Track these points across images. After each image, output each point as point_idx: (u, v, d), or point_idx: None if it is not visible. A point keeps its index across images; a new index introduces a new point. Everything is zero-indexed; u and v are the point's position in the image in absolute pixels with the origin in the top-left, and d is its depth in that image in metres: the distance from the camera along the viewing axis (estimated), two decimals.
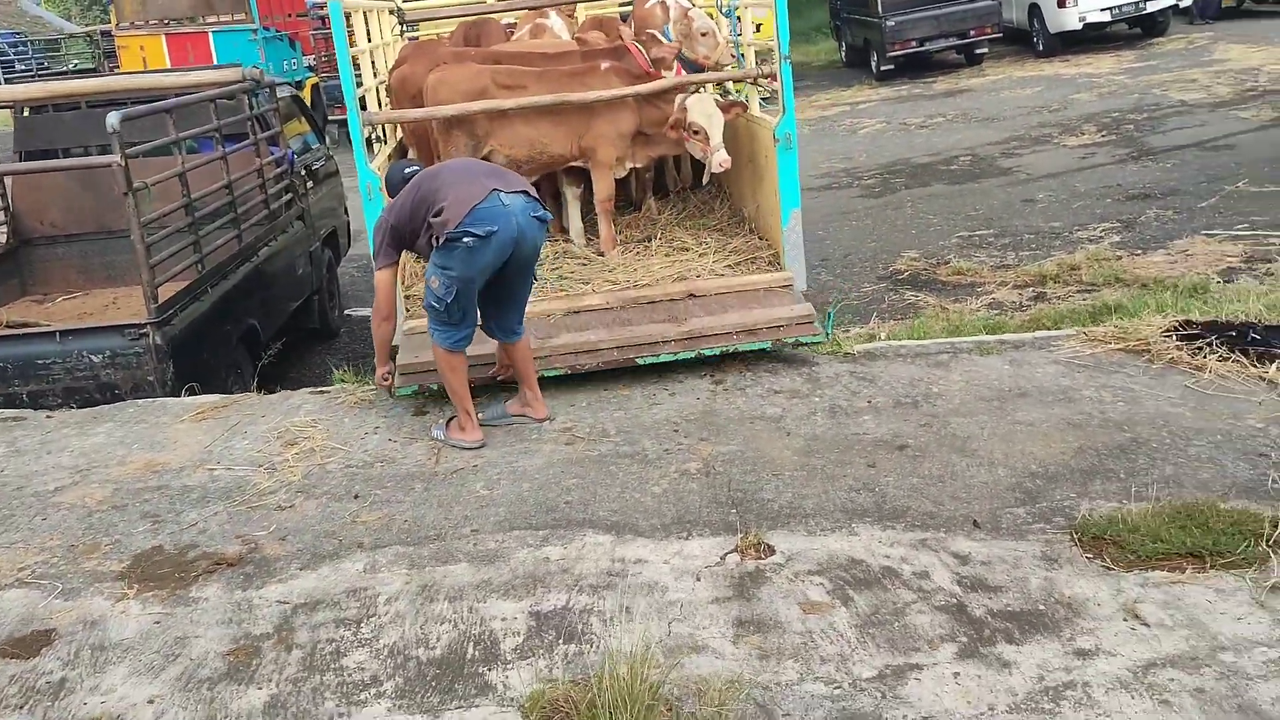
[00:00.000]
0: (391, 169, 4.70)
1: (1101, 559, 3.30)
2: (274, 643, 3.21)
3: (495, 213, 4.17)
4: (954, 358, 5.01)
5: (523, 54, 6.11)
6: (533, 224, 4.32)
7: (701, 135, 5.66)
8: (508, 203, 4.21)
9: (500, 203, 4.19)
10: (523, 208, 4.27)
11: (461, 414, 4.53)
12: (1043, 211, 9.43)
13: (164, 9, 18.00)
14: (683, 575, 3.40)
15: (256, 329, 6.54)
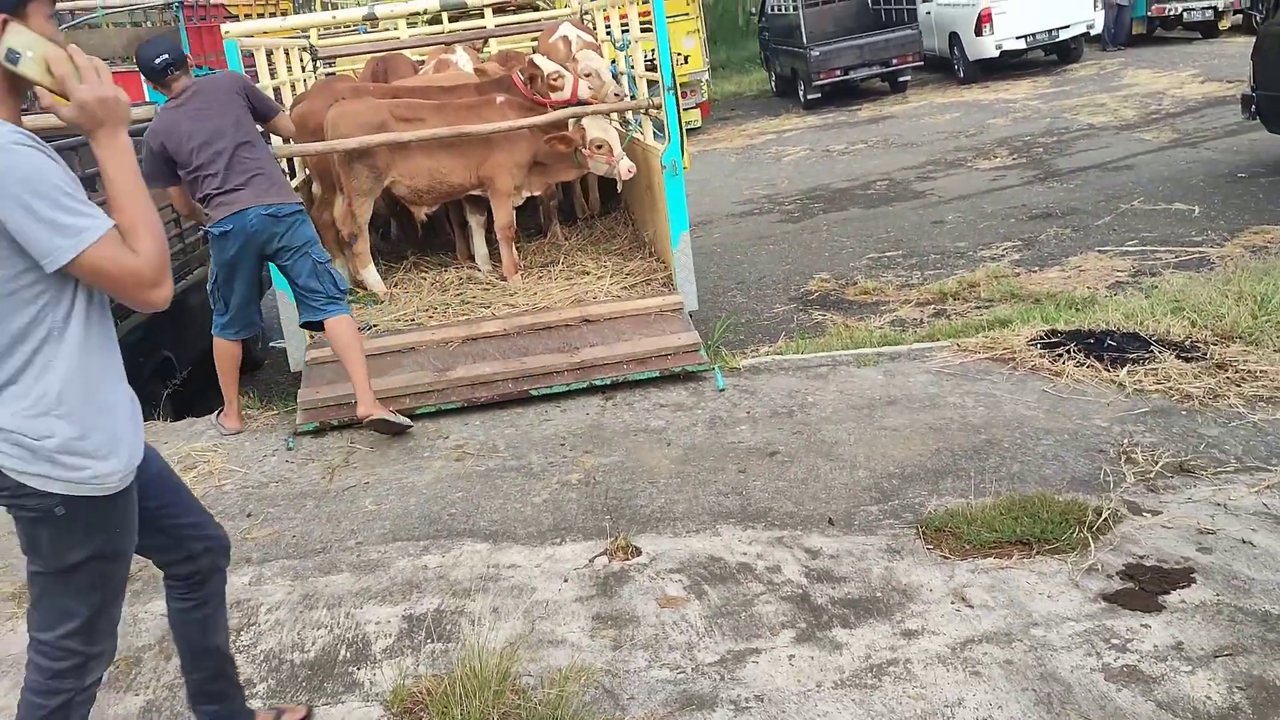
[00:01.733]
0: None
1: (940, 549, 3.54)
2: (155, 653, 3.36)
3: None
4: (832, 370, 5.27)
5: (421, 88, 6.32)
6: (263, 219, 4.79)
7: (605, 149, 5.90)
8: None
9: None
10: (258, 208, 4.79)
11: (226, 402, 5.16)
12: (950, 232, 9.78)
13: (95, 48, 17.97)
14: (552, 577, 3.59)
15: (172, 361, 6.65)
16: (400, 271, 6.76)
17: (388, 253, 7.10)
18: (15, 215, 1.99)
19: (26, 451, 2.13)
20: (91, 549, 2.23)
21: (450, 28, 8.76)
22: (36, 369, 2.13)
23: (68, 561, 2.22)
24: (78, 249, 2.02)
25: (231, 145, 4.74)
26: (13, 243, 2.03)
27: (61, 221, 2.01)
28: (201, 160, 4.76)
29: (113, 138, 2.14)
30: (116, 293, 2.14)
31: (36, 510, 2.18)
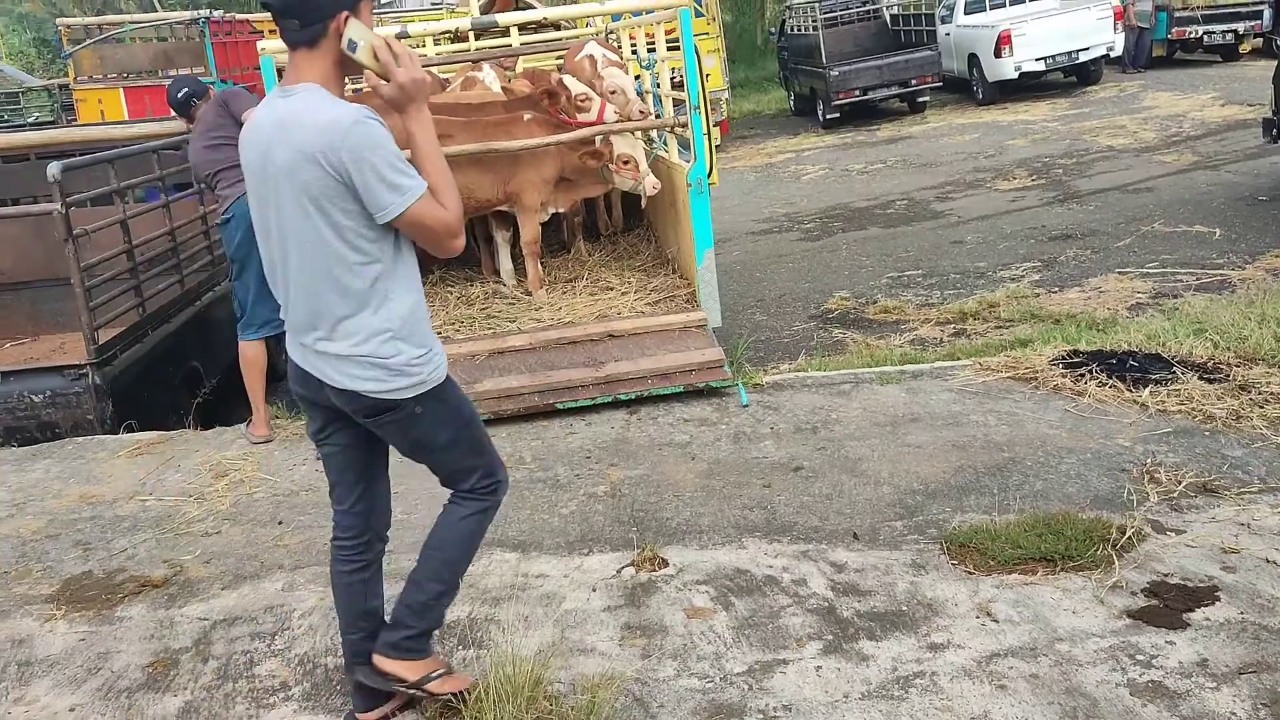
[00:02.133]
0: None
1: (965, 565, 3.58)
2: (192, 655, 3.42)
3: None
4: (855, 387, 5.32)
5: (449, 105, 6.41)
6: None
7: (631, 164, 5.98)
8: None
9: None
10: None
11: (255, 411, 5.34)
12: (970, 252, 9.82)
13: (123, 63, 18.27)
14: (580, 587, 3.64)
15: (199, 370, 6.75)
16: (426, 286, 6.80)
17: None
18: (365, 174, 2.42)
19: (383, 371, 2.60)
20: (453, 422, 2.78)
21: (476, 46, 8.87)
22: (376, 302, 2.57)
23: (442, 439, 2.76)
24: (405, 205, 2.46)
25: (223, 149, 5.15)
26: (357, 198, 2.46)
27: (396, 181, 2.44)
28: (214, 169, 5.28)
29: (420, 112, 2.57)
30: (428, 240, 2.57)
31: (402, 417, 2.67)
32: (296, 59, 2.52)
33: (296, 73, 2.52)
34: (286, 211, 2.53)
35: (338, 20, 2.47)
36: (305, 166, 2.44)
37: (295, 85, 2.51)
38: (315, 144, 2.41)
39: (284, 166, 2.48)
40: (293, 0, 2.45)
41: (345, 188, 2.45)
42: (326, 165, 2.42)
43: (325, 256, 2.54)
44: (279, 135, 2.48)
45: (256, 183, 2.61)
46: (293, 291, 2.64)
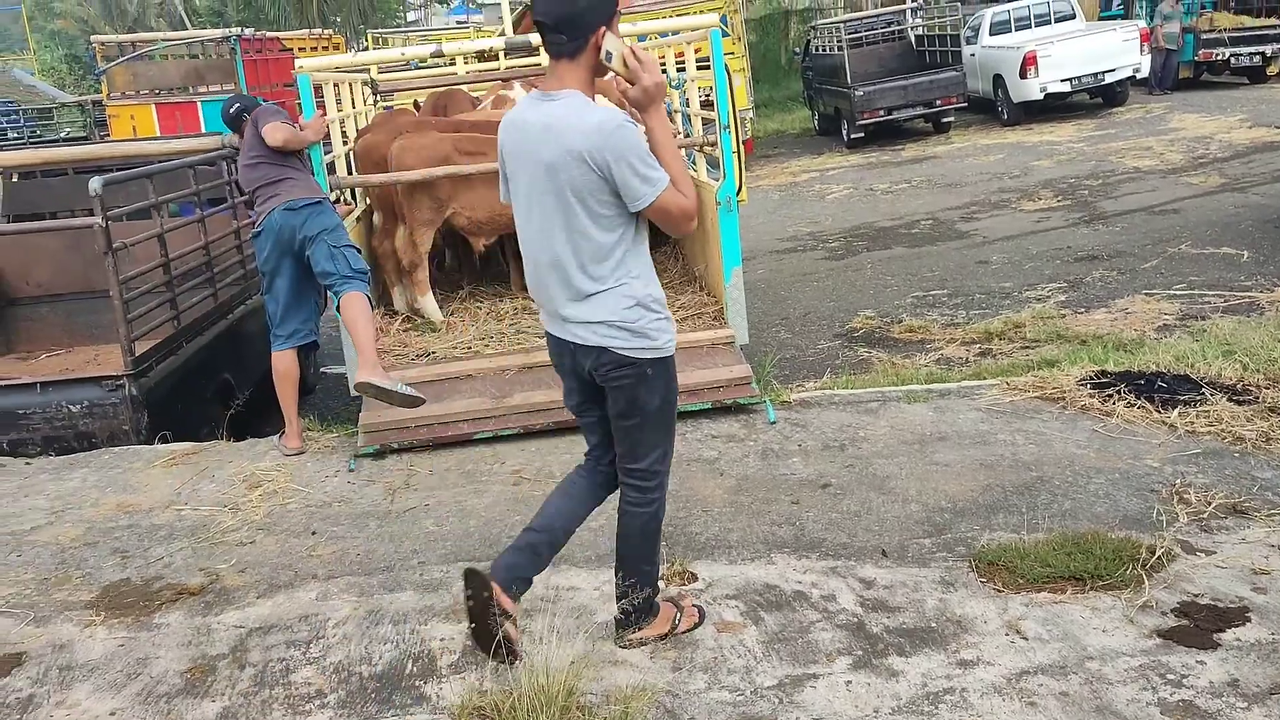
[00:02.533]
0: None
1: (994, 583, 3.60)
2: (229, 662, 3.47)
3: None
4: (882, 405, 5.34)
5: (482, 122, 6.50)
6: (283, 214, 5.25)
7: None
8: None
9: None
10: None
11: (287, 423, 5.42)
12: (995, 272, 9.83)
13: (155, 80, 18.52)
14: (610, 600, 3.66)
15: (230, 382, 6.84)
16: (456, 301, 6.92)
17: (443, 282, 7.26)
18: (623, 170, 2.82)
19: (627, 333, 3.01)
20: (665, 394, 3.15)
21: (506, 64, 8.97)
22: (621, 275, 2.98)
23: (653, 406, 3.12)
24: (655, 195, 2.86)
25: (263, 166, 5.35)
26: (614, 190, 2.87)
27: (648, 175, 2.84)
28: (251, 186, 5.43)
29: (660, 112, 2.97)
30: (669, 223, 2.96)
31: (634, 375, 3.06)
32: (559, 68, 2.92)
33: (559, 80, 2.92)
34: (549, 201, 2.94)
35: (597, 34, 2.86)
36: (571, 164, 2.85)
37: (559, 91, 2.91)
38: (582, 144, 2.82)
39: (550, 162, 2.88)
40: (564, 19, 2.83)
41: (605, 182, 2.86)
42: (591, 163, 2.83)
43: (581, 239, 2.94)
44: (546, 135, 2.89)
45: (516, 173, 3.04)
46: (553, 269, 3.03)
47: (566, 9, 2.83)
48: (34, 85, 35.28)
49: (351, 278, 5.24)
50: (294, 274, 5.38)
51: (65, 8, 48.44)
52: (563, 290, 3.04)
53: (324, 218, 5.28)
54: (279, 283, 5.40)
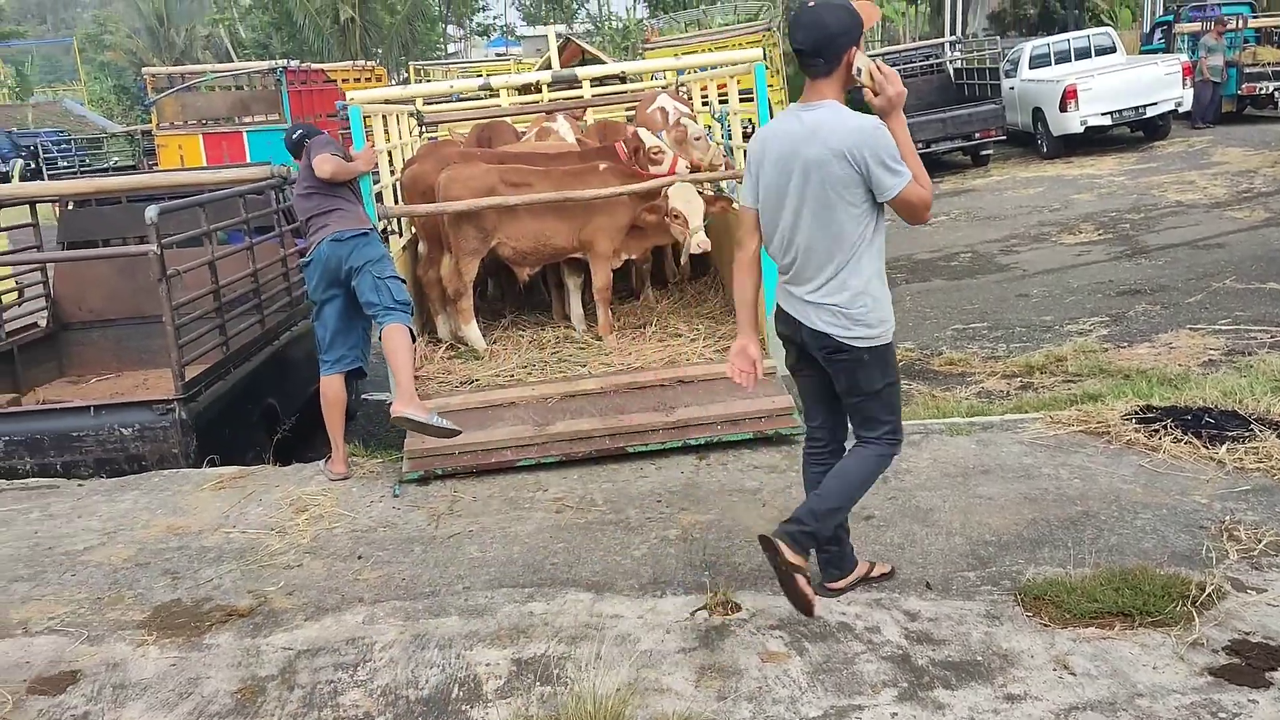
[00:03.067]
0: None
1: (1040, 617, 3.58)
2: (278, 683, 3.52)
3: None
4: (925, 438, 5.33)
5: (527, 154, 6.59)
6: (331, 245, 5.35)
7: (681, 219, 6.12)
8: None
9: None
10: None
11: (334, 448, 5.50)
12: (1036, 306, 9.78)
13: (202, 110, 18.91)
14: (654, 628, 3.69)
15: (275, 408, 6.94)
16: (499, 329, 6.98)
17: (486, 311, 7.33)
18: (876, 166, 3.27)
19: (849, 320, 3.41)
20: (887, 378, 3.53)
21: (549, 97, 9.09)
22: (853, 266, 3.40)
23: (875, 388, 3.51)
24: (901, 186, 3.29)
25: (314, 198, 5.45)
26: (865, 184, 3.31)
27: (896, 169, 3.28)
28: (304, 216, 5.53)
29: (900, 117, 3.37)
30: (910, 213, 3.39)
31: (850, 359, 3.46)
32: (818, 85, 3.41)
33: (817, 94, 3.42)
34: (807, 193, 3.37)
35: (849, 55, 3.34)
36: (833, 160, 3.31)
37: (819, 102, 3.40)
38: (844, 143, 3.28)
39: (814, 160, 3.34)
40: (822, 45, 3.33)
41: (860, 176, 3.29)
42: (850, 159, 3.28)
43: (830, 230, 3.37)
44: (812, 137, 3.35)
45: (779, 172, 3.45)
46: (799, 255, 3.46)
47: (824, 38, 3.33)
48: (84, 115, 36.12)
49: (394, 309, 5.33)
50: (341, 302, 5.47)
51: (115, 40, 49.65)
52: (804, 271, 3.46)
53: (370, 249, 5.37)
54: (327, 311, 5.50)
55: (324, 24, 34.85)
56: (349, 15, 34.36)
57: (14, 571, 4.51)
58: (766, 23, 24.25)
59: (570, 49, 18.18)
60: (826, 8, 3.35)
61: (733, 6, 37.73)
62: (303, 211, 5.48)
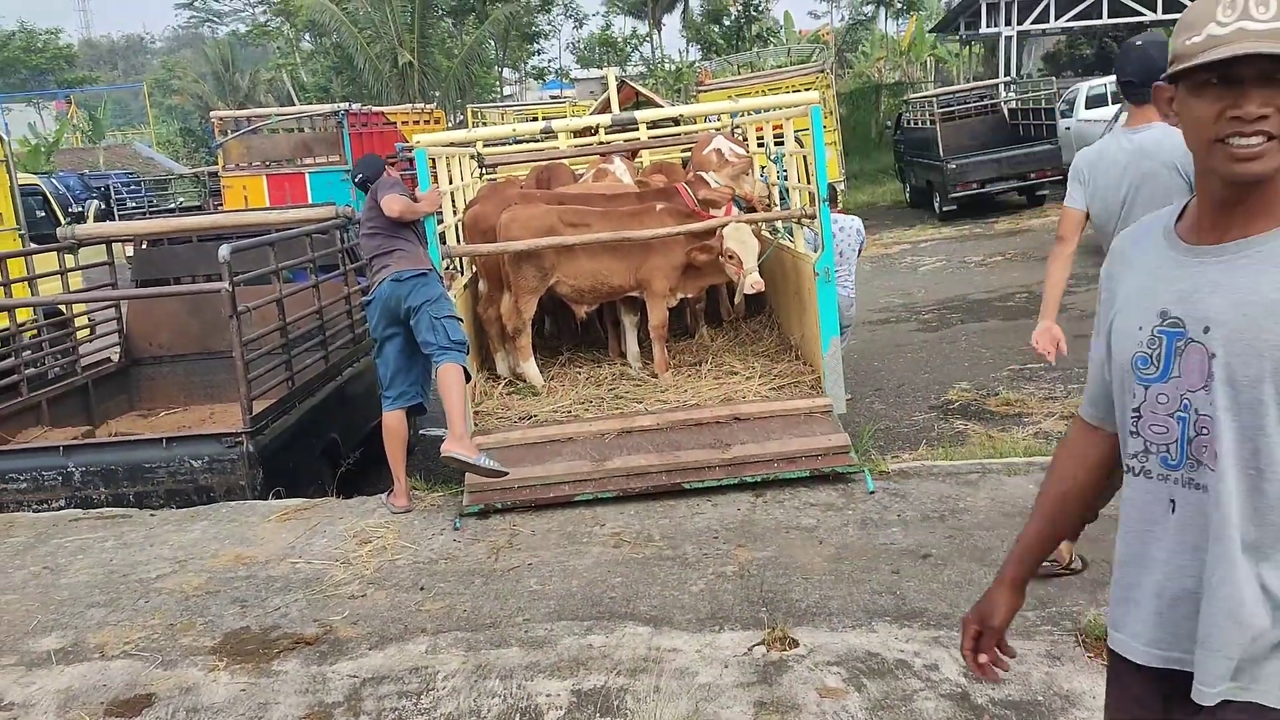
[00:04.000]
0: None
1: (1102, 658, 3.55)
2: (344, 710, 3.60)
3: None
4: (983, 477, 5.32)
5: (585, 195, 6.72)
6: (391, 285, 5.52)
7: (735, 260, 6.20)
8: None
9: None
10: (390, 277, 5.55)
11: (396, 481, 5.60)
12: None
13: (267, 152, 19.40)
14: (712, 662, 3.73)
15: (337, 442, 7.09)
16: (556, 366, 7.09)
17: (544, 348, 7.45)
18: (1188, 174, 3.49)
19: None
20: None
21: (606, 139, 9.25)
22: None
23: None
24: None
25: (378, 237, 5.62)
26: (1189, 193, 2.80)
27: None
28: (367, 254, 5.73)
29: None
30: None
31: None
32: (1145, 110, 3.86)
33: (1143, 118, 3.89)
34: (1138, 200, 3.78)
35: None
36: (1164, 171, 3.74)
37: (1146, 125, 3.85)
38: (1175, 155, 3.63)
39: (1148, 172, 3.78)
40: (1151, 76, 3.41)
41: (1186, 185, 3.57)
42: (1180, 170, 3.66)
43: None
44: (1142, 152, 3.81)
45: (1112, 184, 3.89)
46: None
47: (1151, 70, 3.65)
48: (153, 157, 37.19)
49: (449, 349, 5.46)
50: (401, 340, 5.62)
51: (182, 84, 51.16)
52: None
53: (428, 289, 5.52)
54: (388, 348, 5.66)
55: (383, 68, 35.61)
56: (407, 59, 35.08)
57: (91, 598, 4.66)
58: (820, 64, 24.43)
59: (625, 91, 18.43)
60: (1152, 45, 3.86)
61: (786, 49, 38.01)
62: (366, 250, 5.66)
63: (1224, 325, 1.66)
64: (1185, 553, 1.74)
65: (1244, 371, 1.64)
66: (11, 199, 10.36)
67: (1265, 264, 1.66)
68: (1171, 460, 1.75)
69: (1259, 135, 1.61)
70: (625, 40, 57.06)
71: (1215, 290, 1.69)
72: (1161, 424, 1.76)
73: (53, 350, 7.90)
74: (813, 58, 33.49)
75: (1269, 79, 1.60)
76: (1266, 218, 1.69)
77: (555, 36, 62.01)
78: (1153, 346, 1.76)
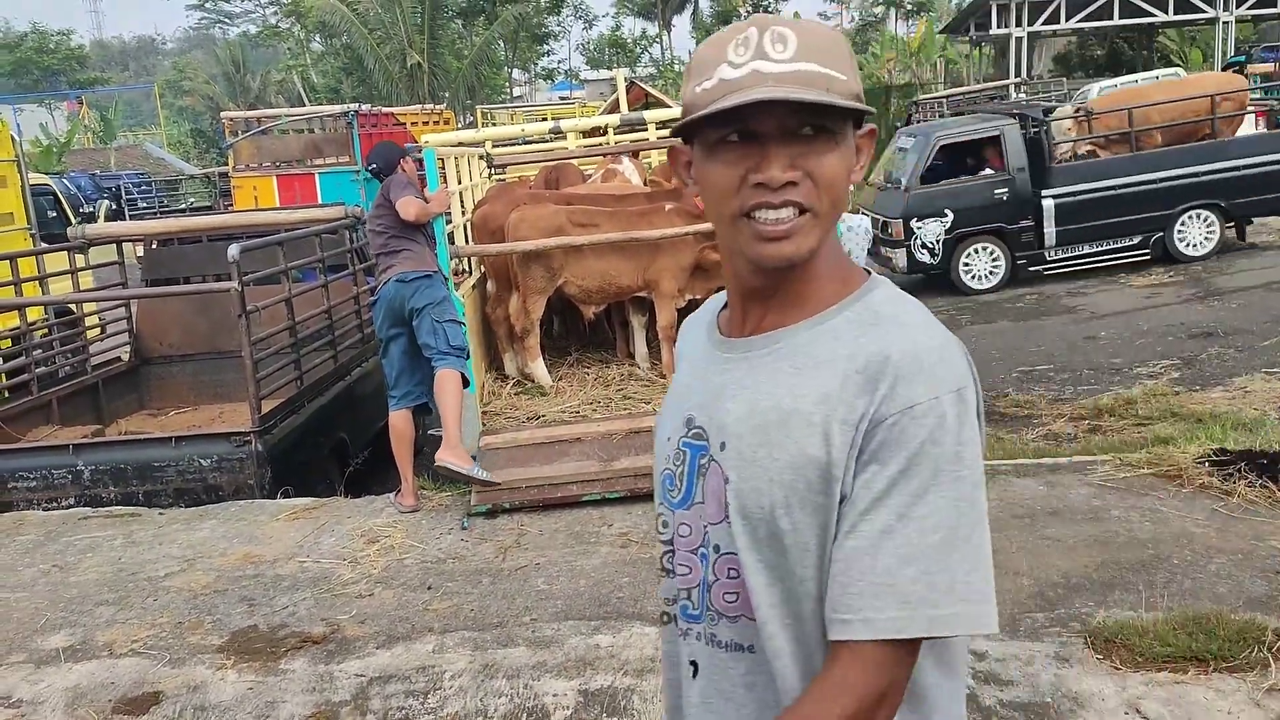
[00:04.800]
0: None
1: (1111, 660, 3.54)
2: (351, 709, 3.60)
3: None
4: (992, 479, 5.30)
5: (594, 195, 6.71)
6: (395, 286, 5.50)
7: None
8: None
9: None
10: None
11: (403, 481, 5.58)
12: (1104, 349, 9.66)
13: (277, 153, 19.44)
14: None
15: (346, 441, 7.09)
16: (564, 366, 7.09)
17: (551, 349, 7.44)
18: None
19: None
20: None
21: (614, 139, 9.24)
22: None
23: None
24: None
25: (385, 235, 5.59)
26: None
27: None
28: (374, 251, 5.72)
29: None
30: None
31: None
32: None
33: None
34: None
35: None
36: None
37: None
38: None
39: None
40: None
41: None
42: None
43: None
44: None
45: None
46: None
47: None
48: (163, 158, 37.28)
49: (449, 354, 5.46)
50: (406, 341, 5.62)
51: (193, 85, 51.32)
52: None
53: (432, 291, 5.51)
54: (393, 349, 5.66)
55: (393, 69, 35.69)
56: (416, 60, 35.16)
57: (100, 596, 4.67)
58: None
59: (634, 91, 18.42)
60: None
61: None
62: (374, 247, 5.67)
63: (738, 439, 1.31)
64: None
65: (756, 501, 1.29)
66: (23, 199, 10.41)
67: (784, 362, 1.32)
68: (692, 610, 1.39)
69: (789, 207, 1.26)
70: (635, 41, 57.08)
71: (738, 394, 1.34)
72: (685, 562, 1.40)
73: (63, 349, 7.93)
74: None
75: (791, 135, 1.25)
76: (799, 308, 1.34)
77: (565, 38, 62.01)
78: (677, 463, 1.41)
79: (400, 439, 5.68)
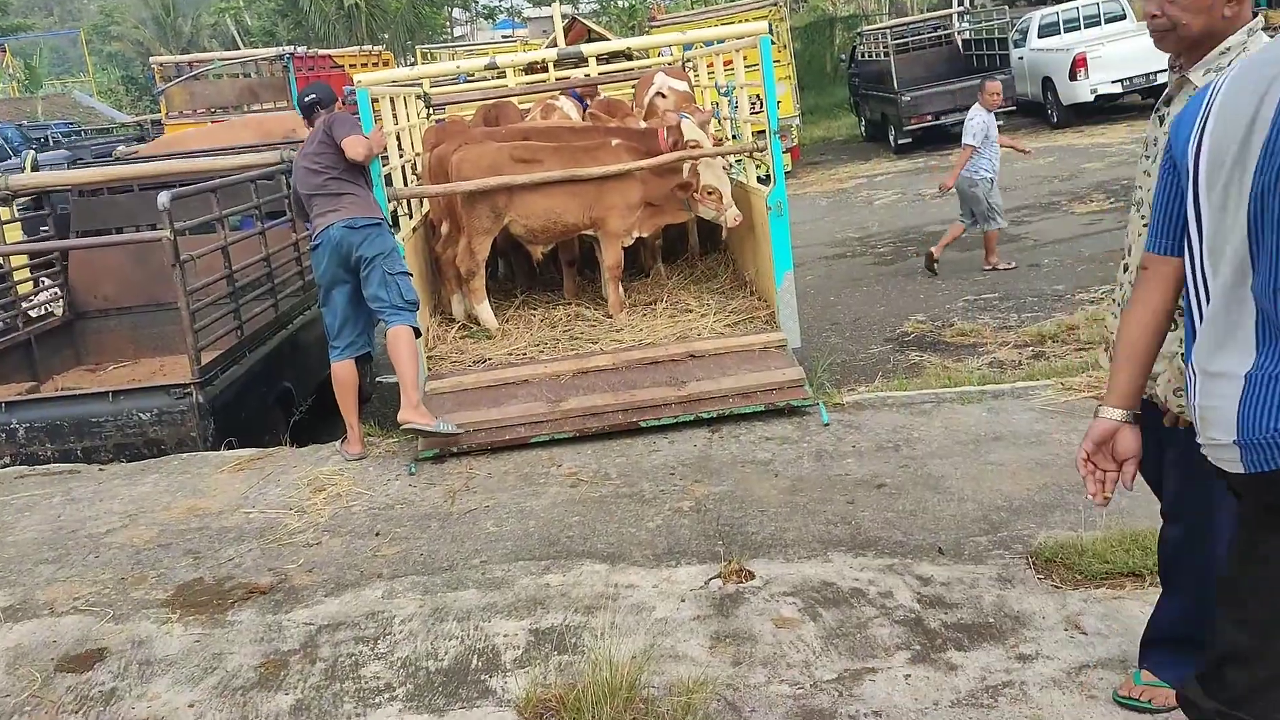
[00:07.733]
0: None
1: (1051, 579, 3.61)
2: (300, 657, 3.58)
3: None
4: (936, 406, 5.35)
5: (551, 130, 6.60)
6: (343, 231, 5.30)
7: (715, 195, 6.13)
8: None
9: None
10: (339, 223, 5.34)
11: (349, 429, 5.51)
12: (1047, 275, 9.76)
13: (211, 99, 18.96)
14: (669, 597, 3.74)
15: (291, 391, 7.00)
16: (511, 309, 7.03)
17: (497, 291, 7.37)
18: None
19: None
20: None
21: (555, 76, 9.09)
22: None
23: None
24: None
25: (324, 176, 5.37)
26: None
27: None
28: (308, 191, 5.43)
29: None
30: None
31: None
32: None
33: None
34: None
35: None
36: None
37: None
38: None
39: None
40: None
41: None
42: None
43: None
44: None
45: None
46: None
47: None
48: (93, 106, 36.18)
49: (402, 309, 5.33)
50: (350, 288, 5.45)
51: (122, 30, 49.66)
52: None
53: (382, 240, 5.35)
54: (336, 296, 5.48)
55: (329, 10, 34.80)
56: (354, 1, 34.32)
57: (39, 554, 4.59)
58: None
59: (576, 29, 18.13)
60: None
61: None
62: (308, 187, 5.39)
63: None
64: None
65: None
66: None
67: None
68: None
69: None
70: None
71: None
72: None
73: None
74: None
75: None
76: None
77: None
78: None
79: (344, 388, 5.58)
